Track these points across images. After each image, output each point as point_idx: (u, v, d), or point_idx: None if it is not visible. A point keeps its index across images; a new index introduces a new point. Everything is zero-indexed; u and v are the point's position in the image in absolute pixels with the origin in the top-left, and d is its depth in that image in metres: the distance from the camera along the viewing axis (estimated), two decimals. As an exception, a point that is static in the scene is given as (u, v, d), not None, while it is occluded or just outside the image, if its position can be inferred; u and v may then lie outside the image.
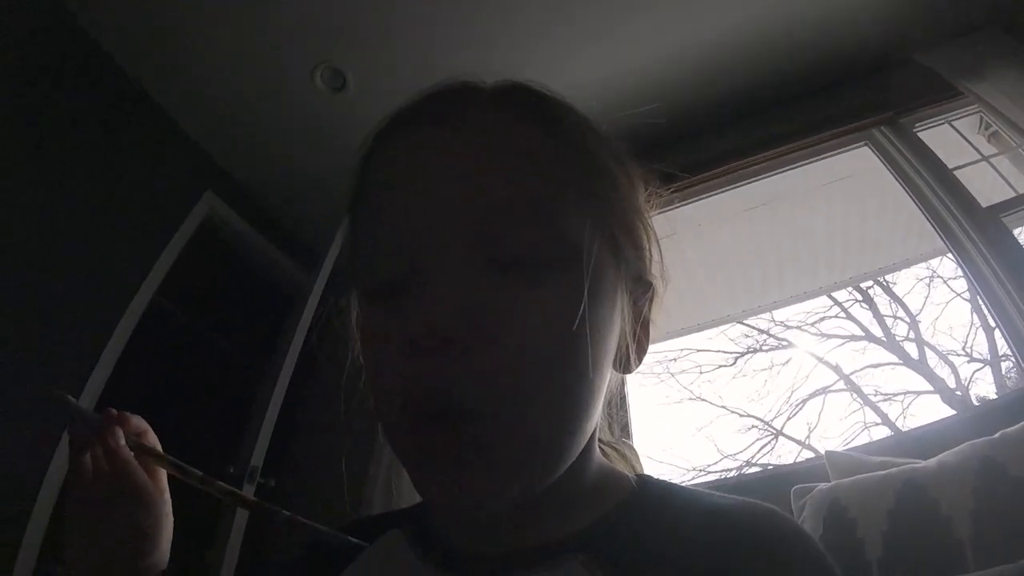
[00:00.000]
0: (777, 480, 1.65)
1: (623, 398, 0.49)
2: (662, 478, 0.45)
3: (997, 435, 1.21)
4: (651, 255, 0.46)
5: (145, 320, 2.11)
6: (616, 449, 0.51)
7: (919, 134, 2.22)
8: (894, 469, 1.29)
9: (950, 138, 2.28)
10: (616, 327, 0.41)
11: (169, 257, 2.23)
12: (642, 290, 0.46)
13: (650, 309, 0.46)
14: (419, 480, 0.37)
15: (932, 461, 1.26)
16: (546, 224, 0.37)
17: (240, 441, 1.96)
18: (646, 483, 0.43)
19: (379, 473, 1.89)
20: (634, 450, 0.54)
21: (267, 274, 2.81)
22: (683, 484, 0.45)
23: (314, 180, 2.60)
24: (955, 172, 2.05)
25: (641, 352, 0.46)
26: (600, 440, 0.46)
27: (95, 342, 1.96)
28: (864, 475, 1.32)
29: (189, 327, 2.69)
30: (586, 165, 0.41)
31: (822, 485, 1.38)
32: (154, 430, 0.58)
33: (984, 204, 1.91)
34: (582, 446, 0.39)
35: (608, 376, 0.41)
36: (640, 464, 0.52)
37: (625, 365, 0.44)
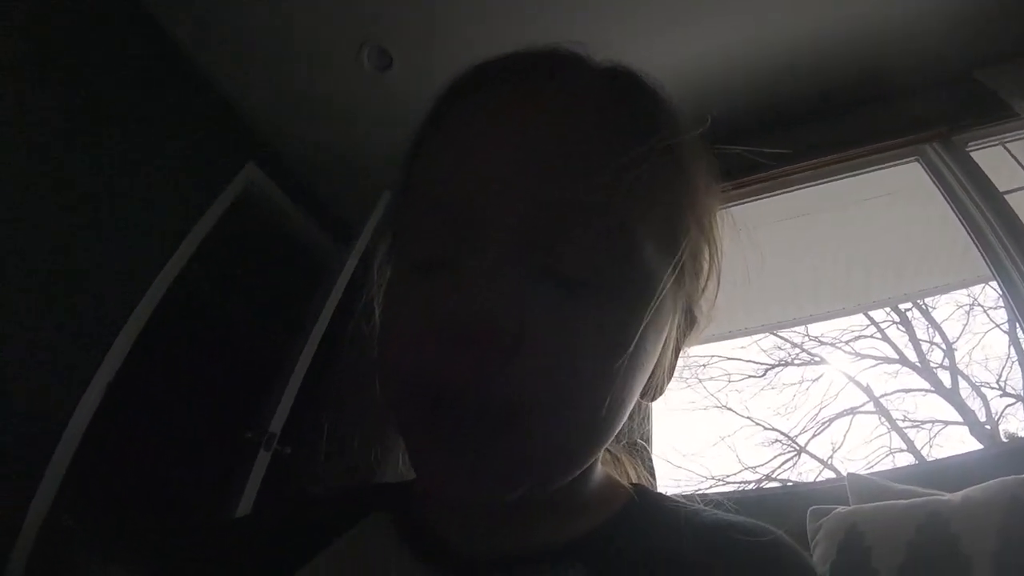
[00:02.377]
0: (795, 498, 1.61)
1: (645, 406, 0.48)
2: (658, 490, 0.45)
3: (1030, 473, 1.16)
4: (707, 288, 0.44)
5: (177, 284, 2.15)
6: (614, 455, 0.50)
7: (972, 154, 2.14)
8: (918, 499, 1.25)
9: (1003, 160, 2.19)
10: (657, 356, 0.39)
11: (206, 225, 2.27)
12: (688, 322, 0.44)
13: (686, 341, 0.45)
14: (429, 465, 0.34)
15: (958, 495, 1.21)
16: (626, 248, 0.34)
17: (261, 408, 1.99)
18: (643, 494, 0.42)
19: (397, 453, 1.89)
20: (642, 453, 0.54)
21: (302, 247, 2.85)
22: (678, 497, 0.44)
23: (353, 157, 2.62)
24: (1006, 196, 1.98)
25: (670, 380, 0.45)
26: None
27: (127, 301, 2.00)
28: (886, 502, 1.28)
29: (221, 294, 2.74)
30: (683, 189, 0.39)
31: (840, 508, 1.34)
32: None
33: (1033, 231, 1.84)
34: (597, 457, 0.39)
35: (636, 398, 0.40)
36: (638, 471, 0.50)
37: (653, 393, 0.44)
